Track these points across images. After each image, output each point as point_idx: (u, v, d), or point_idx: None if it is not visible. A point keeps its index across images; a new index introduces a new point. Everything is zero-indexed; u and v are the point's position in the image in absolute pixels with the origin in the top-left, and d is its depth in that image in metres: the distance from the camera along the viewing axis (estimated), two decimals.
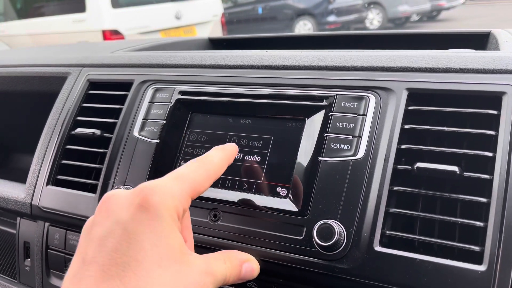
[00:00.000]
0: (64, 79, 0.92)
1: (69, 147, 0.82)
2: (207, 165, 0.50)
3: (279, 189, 0.61)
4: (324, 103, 0.63)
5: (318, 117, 0.63)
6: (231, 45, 1.37)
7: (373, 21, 8.55)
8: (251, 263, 0.53)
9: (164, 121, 0.72)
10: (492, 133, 0.55)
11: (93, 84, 0.87)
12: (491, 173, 0.53)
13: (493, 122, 0.56)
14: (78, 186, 0.77)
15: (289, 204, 0.59)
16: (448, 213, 0.54)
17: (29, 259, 0.85)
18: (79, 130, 0.81)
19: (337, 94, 0.63)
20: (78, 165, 0.79)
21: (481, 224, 0.51)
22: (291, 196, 0.60)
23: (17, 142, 1.30)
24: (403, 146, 0.58)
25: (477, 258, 0.50)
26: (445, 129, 0.57)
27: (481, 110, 0.56)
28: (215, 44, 1.39)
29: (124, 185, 0.71)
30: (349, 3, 8.73)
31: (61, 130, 0.83)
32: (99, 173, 0.75)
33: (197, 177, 0.48)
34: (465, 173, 0.54)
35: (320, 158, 0.60)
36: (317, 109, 0.63)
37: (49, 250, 0.80)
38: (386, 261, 0.53)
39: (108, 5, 4.86)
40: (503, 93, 0.56)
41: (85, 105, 0.85)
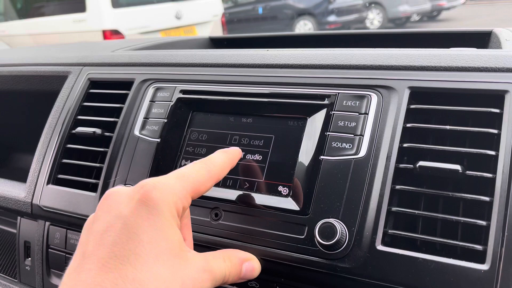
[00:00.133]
0: (64, 78, 0.92)
1: (69, 146, 0.81)
2: (209, 166, 0.50)
3: (280, 188, 0.61)
4: (326, 101, 0.63)
5: (320, 116, 0.62)
6: (232, 44, 1.37)
7: (373, 21, 8.55)
8: (251, 262, 0.53)
9: (165, 120, 0.72)
10: (495, 131, 0.55)
11: (93, 83, 0.87)
12: (494, 171, 0.53)
13: (496, 121, 0.55)
14: (79, 185, 0.77)
15: (290, 203, 0.59)
16: (451, 212, 0.54)
17: (29, 258, 0.85)
18: (79, 129, 0.81)
19: (338, 93, 0.63)
20: (79, 164, 0.79)
21: (483, 223, 0.51)
22: (292, 195, 0.60)
23: (18, 141, 1.30)
24: (405, 145, 0.58)
25: (479, 257, 0.50)
26: (447, 127, 0.57)
27: (484, 109, 0.56)
28: (216, 43, 1.39)
29: (125, 184, 0.70)
30: (349, 3, 8.74)
31: (61, 129, 0.83)
32: (99, 172, 0.75)
33: (199, 177, 0.48)
34: (467, 171, 0.53)
35: (321, 157, 0.60)
36: (318, 108, 0.63)
37: (49, 250, 0.79)
38: (388, 260, 0.53)
39: (108, 5, 4.85)
40: (505, 91, 0.56)
41: (85, 104, 0.85)
